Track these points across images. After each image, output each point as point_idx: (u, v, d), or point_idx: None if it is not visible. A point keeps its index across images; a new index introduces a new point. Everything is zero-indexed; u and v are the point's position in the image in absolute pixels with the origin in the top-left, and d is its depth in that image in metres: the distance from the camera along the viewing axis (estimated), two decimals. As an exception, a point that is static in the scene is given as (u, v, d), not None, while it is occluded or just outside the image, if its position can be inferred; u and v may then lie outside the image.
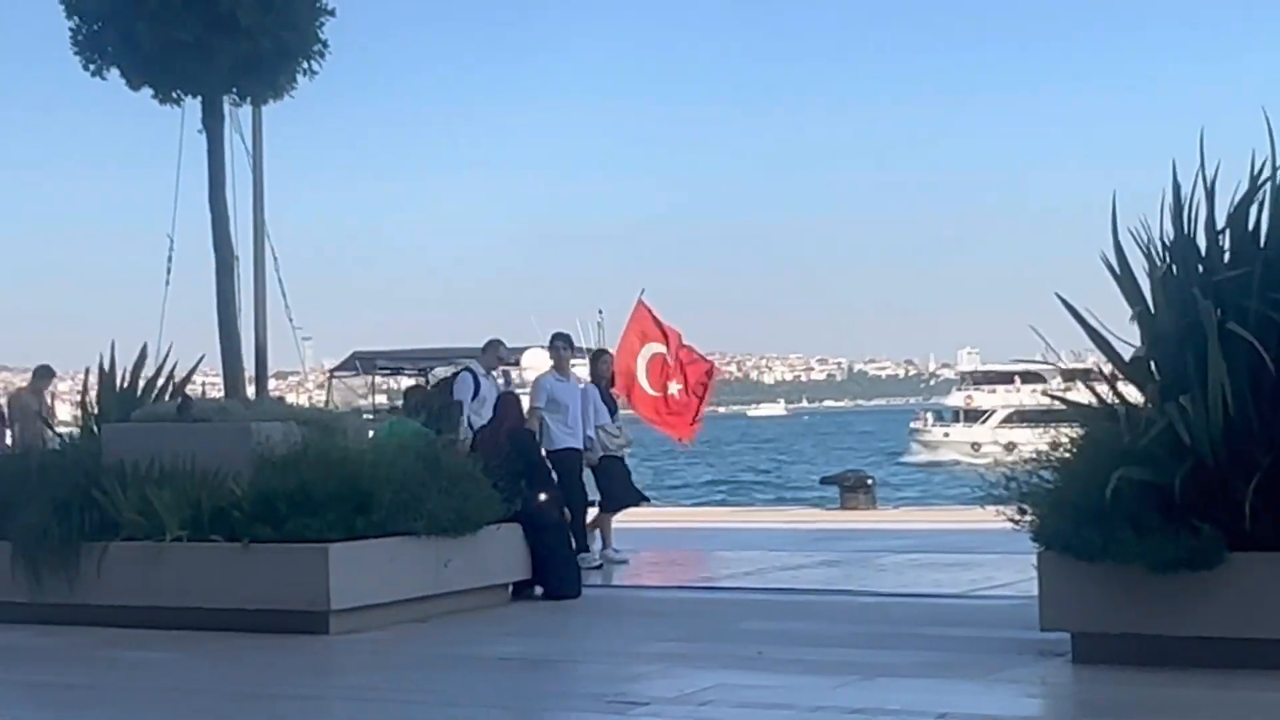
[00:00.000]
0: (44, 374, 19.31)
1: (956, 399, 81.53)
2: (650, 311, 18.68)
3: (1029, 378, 77.07)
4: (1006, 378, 78.71)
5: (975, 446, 73.47)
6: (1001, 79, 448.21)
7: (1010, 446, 70.25)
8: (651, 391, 18.17)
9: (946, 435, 77.68)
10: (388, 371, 39.07)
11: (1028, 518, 9.60)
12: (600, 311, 30.58)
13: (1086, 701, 8.65)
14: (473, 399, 15.28)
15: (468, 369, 15.91)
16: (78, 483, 12.43)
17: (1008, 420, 73.79)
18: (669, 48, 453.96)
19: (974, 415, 77.52)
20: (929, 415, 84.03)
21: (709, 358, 20.64)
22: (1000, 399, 76.64)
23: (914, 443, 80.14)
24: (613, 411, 16.13)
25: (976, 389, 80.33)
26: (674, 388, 18.98)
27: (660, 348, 18.74)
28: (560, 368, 15.22)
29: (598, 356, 16.72)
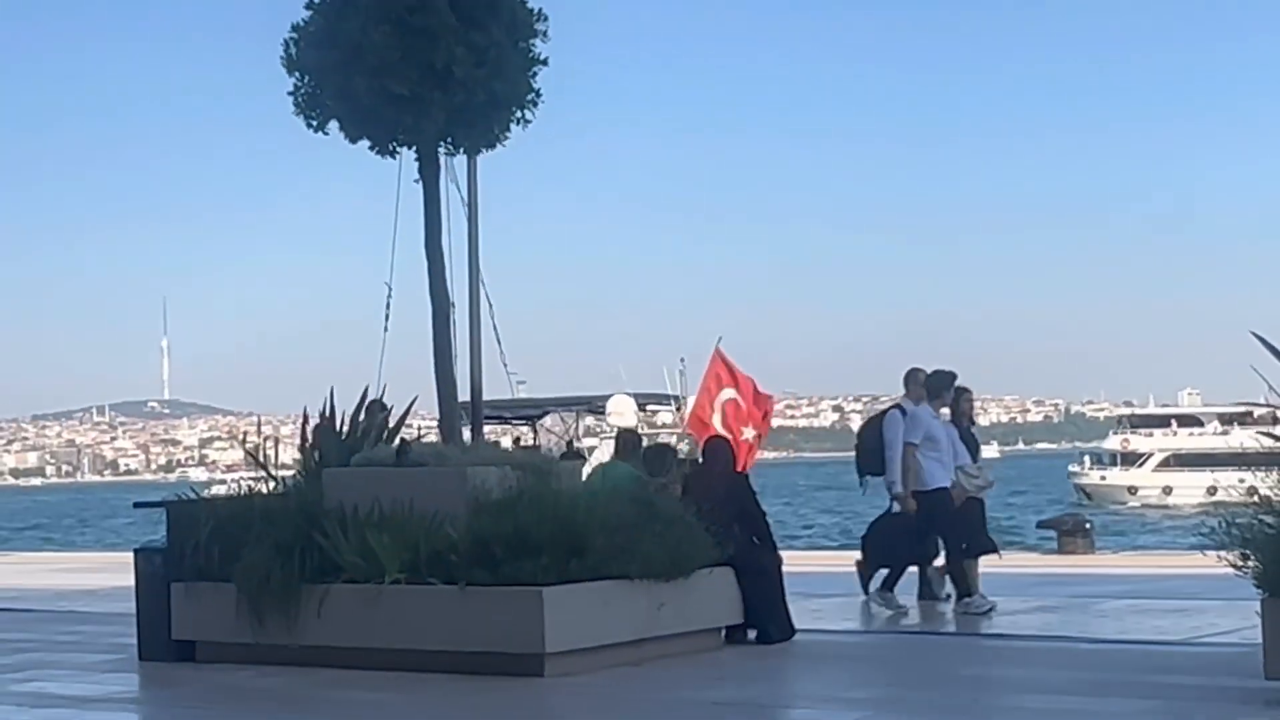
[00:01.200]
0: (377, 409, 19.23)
1: (1113, 442, 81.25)
2: (724, 358, 19.25)
3: (1185, 421, 77.29)
4: (1164, 421, 78.59)
5: (1132, 490, 73.19)
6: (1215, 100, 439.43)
7: (1167, 490, 70.30)
8: (725, 434, 18.20)
9: (1103, 479, 77.19)
10: (495, 420, 41.81)
11: (1251, 563, 9.38)
12: (682, 360, 30.15)
13: None
14: (919, 435, 14.84)
15: (897, 406, 15.21)
16: (299, 526, 12.58)
17: (1164, 464, 73.37)
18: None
19: (1131, 459, 77.19)
20: (1087, 459, 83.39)
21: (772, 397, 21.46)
22: (1156, 442, 76.16)
23: (1073, 485, 79.76)
24: (973, 451, 15.74)
25: (1134, 432, 79.91)
26: (748, 433, 19.55)
27: (733, 393, 19.21)
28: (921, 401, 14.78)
29: (960, 394, 15.90)
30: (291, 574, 12.37)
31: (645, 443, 16.43)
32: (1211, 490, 58.46)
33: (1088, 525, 23.61)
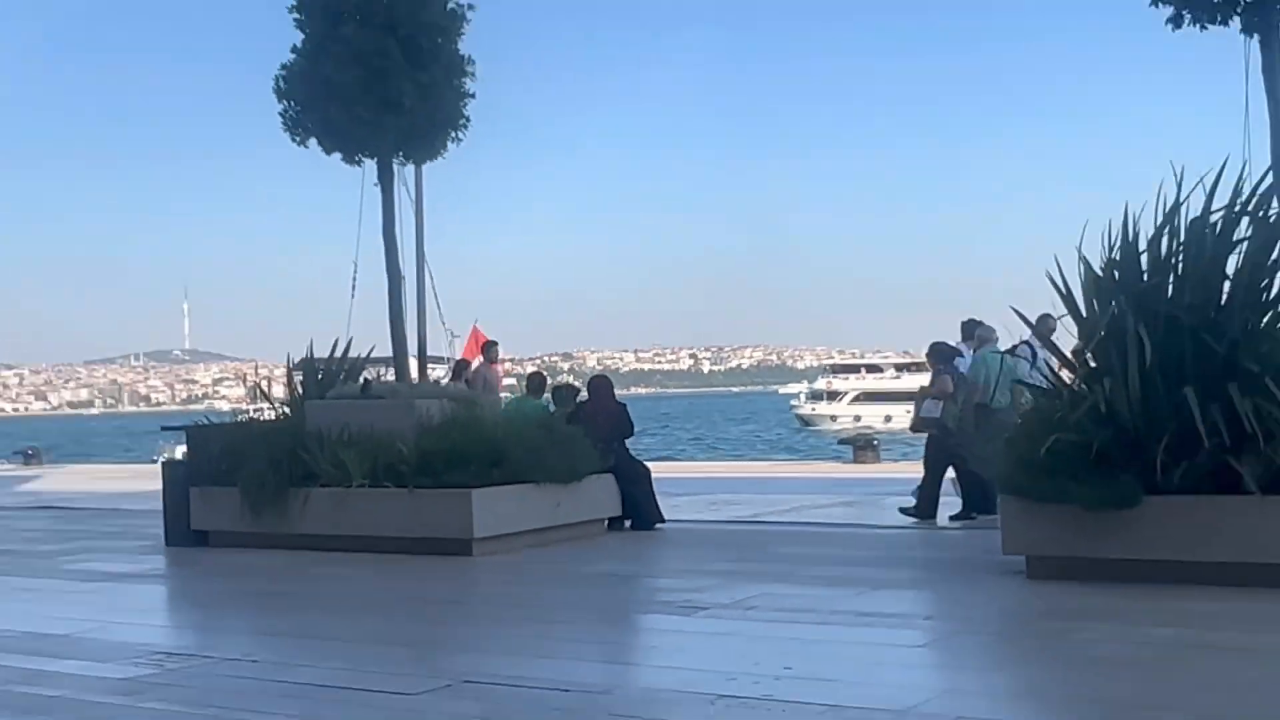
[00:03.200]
0: (492, 349, 18.12)
1: (820, 384, 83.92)
2: (477, 333, 20.19)
3: (871, 369, 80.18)
4: (855, 369, 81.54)
5: (833, 418, 75.03)
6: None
7: (857, 418, 71.51)
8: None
9: (814, 410, 79.05)
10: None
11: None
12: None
13: (1040, 608, 8.65)
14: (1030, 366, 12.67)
15: (1026, 342, 13.05)
16: (287, 444, 12.63)
17: (855, 399, 75.80)
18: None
19: (833, 395, 79.63)
20: (802, 395, 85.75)
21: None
22: (851, 384, 78.66)
23: (795, 415, 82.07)
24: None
25: (835, 376, 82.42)
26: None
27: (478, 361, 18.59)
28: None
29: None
30: (281, 480, 12.50)
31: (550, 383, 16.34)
32: (887, 418, 61.73)
33: (875, 442, 23.61)
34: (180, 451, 21.03)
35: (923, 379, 14.25)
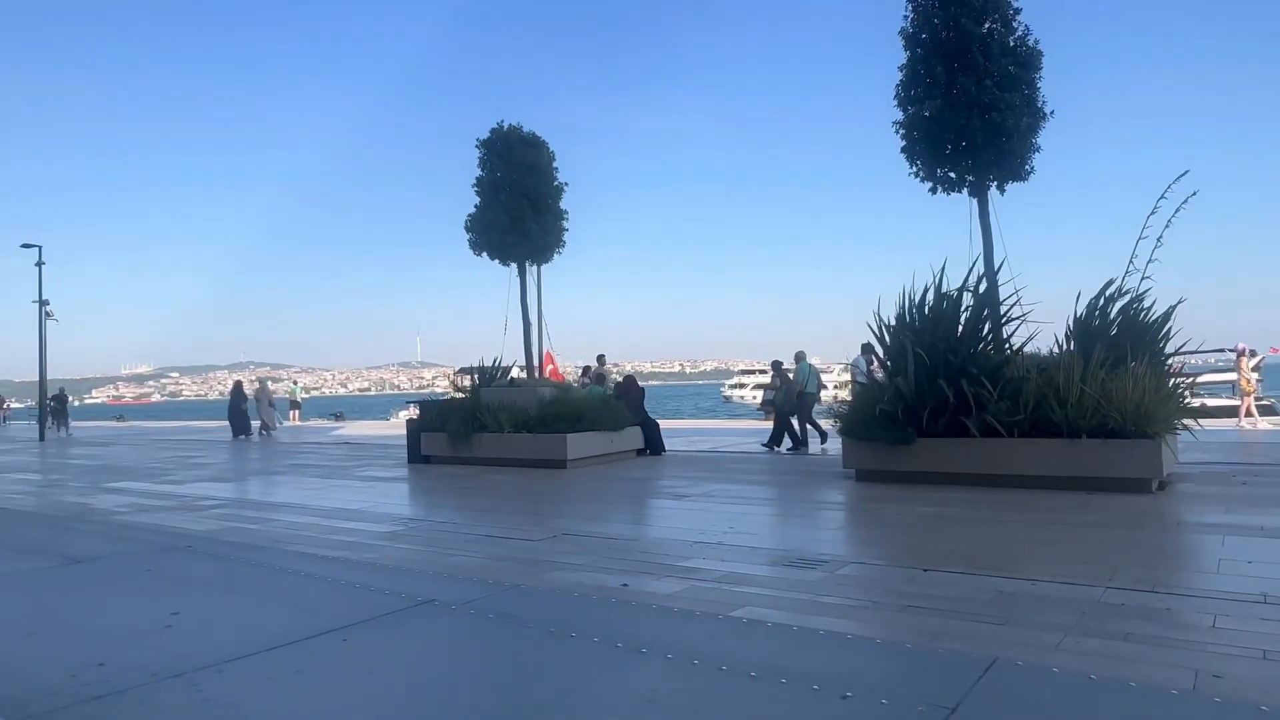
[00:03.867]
0: (601, 359, 20.33)
1: (735, 380, 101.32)
2: (551, 354, 19.11)
3: (761, 372, 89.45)
4: (752, 372, 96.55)
5: (741, 398, 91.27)
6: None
7: (754, 398, 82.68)
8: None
9: (732, 394, 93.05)
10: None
11: (838, 424, 11.42)
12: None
13: (861, 495, 9.63)
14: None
15: (861, 357, 15.34)
16: (472, 411, 15.16)
17: (753, 388, 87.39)
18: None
19: (742, 385, 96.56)
20: (727, 386, 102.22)
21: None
22: (752, 379, 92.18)
23: (723, 396, 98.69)
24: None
25: (742, 375, 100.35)
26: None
27: (551, 367, 19.22)
28: None
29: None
30: (468, 428, 14.96)
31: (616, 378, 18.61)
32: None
33: (770, 412, 23.89)
34: (407, 415, 24.04)
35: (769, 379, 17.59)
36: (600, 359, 19.63)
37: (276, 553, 7.47)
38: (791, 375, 15.54)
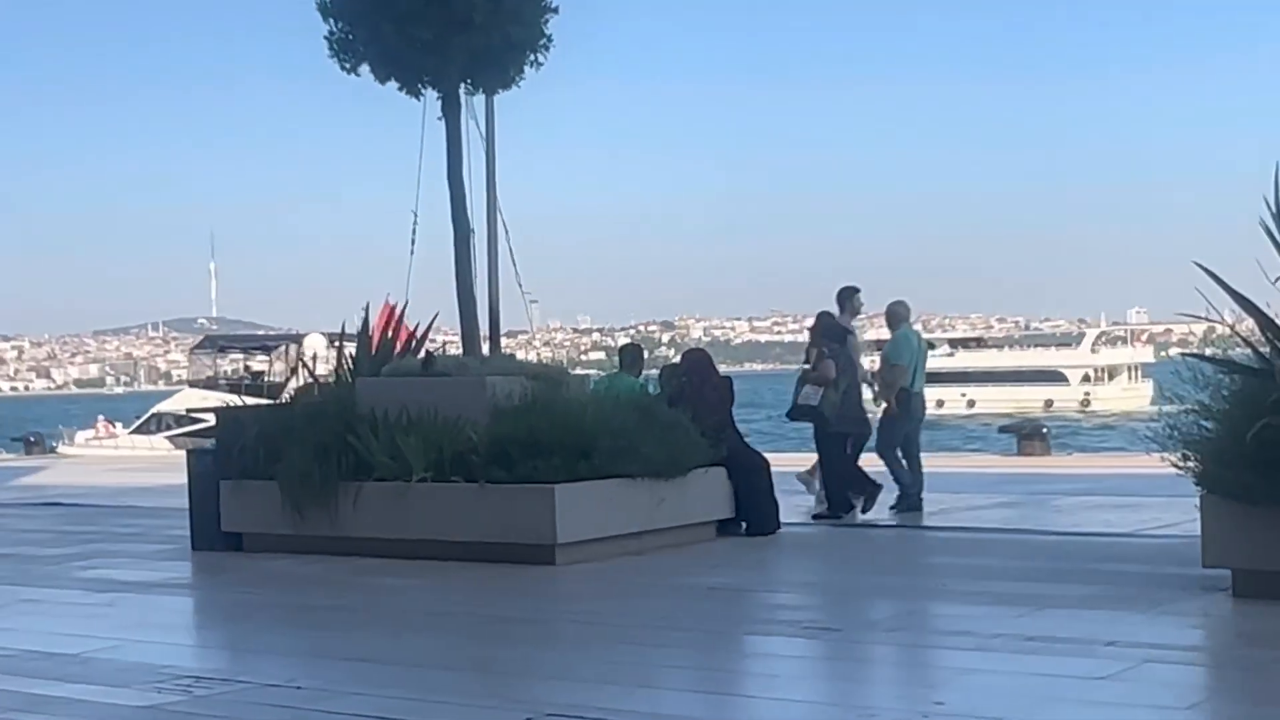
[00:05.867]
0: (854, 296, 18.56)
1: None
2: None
3: (981, 344, 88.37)
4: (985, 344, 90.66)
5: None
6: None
7: (940, 403, 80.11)
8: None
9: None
10: (239, 351, 47.97)
11: (1191, 464, 9.47)
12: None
13: (1246, 632, 8.57)
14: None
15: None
16: (336, 430, 12.69)
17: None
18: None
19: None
20: None
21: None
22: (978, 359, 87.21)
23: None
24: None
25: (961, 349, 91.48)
26: None
27: None
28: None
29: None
30: (329, 473, 12.64)
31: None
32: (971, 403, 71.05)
33: (1044, 430, 24.01)
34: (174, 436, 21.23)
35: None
36: (850, 296, 15.61)
37: None
38: (880, 352, 15.39)
